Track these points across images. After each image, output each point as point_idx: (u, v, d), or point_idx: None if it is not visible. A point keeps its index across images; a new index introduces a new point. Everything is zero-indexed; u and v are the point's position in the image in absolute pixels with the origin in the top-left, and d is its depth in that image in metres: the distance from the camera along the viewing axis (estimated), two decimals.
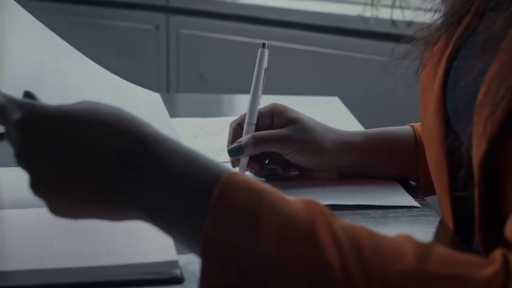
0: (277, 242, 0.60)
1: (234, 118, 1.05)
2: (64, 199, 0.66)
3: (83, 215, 0.67)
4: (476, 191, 0.73)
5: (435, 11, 0.92)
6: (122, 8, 2.89)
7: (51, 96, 0.70)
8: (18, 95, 0.69)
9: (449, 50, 0.85)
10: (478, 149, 0.71)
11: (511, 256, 0.61)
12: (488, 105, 0.69)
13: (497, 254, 0.62)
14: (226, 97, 1.75)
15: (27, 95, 0.70)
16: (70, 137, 0.65)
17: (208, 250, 0.60)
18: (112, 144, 0.65)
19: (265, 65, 1.05)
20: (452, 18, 0.86)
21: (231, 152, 1.00)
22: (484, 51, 0.73)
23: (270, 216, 0.61)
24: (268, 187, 0.64)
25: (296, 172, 1.02)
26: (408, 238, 0.63)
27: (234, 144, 1.00)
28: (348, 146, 1.02)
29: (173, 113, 1.29)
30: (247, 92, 1.05)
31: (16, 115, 0.66)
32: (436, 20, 0.90)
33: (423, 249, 0.61)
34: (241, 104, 1.50)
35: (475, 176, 0.72)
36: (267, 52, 1.05)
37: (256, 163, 1.01)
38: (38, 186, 0.66)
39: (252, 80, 1.05)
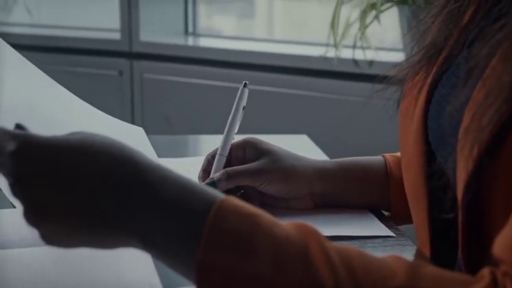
0: (272, 263, 0.62)
1: (199, 158, 1.09)
2: (58, 227, 0.66)
3: (76, 243, 0.68)
4: (460, 214, 0.75)
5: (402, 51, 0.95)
6: (86, 54, 2.91)
7: (40, 129, 0.71)
8: (9, 128, 0.70)
9: (429, 79, 0.88)
10: (464, 171, 0.73)
11: (499, 273, 0.63)
12: (475, 130, 0.71)
13: (486, 271, 0.63)
14: (191, 138, 1.77)
15: (19, 127, 0.71)
16: (63, 166, 0.66)
17: (202, 275, 0.61)
18: (104, 172, 0.66)
19: (243, 103, 1.09)
20: (433, 50, 0.89)
21: None
22: (468, 80, 0.76)
23: (264, 239, 0.63)
24: (260, 211, 0.65)
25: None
26: (398, 258, 0.65)
27: (207, 181, 1.02)
28: (319, 172, 1.04)
29: None
30: (212, 133, 1.08)
31: (10, 146, 0.67)
32: (417, 53, 0.92)
33: (413, 267, 0.63)
34: (206, 144, 1.51)
35: (458, 199, 0.75)
36: (246, 91, 1.09)
37: None
38: (32, 215, 0.66)
39: (228, 118, 1.09)
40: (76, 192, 0.66)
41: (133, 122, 2.86)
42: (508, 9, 0.75)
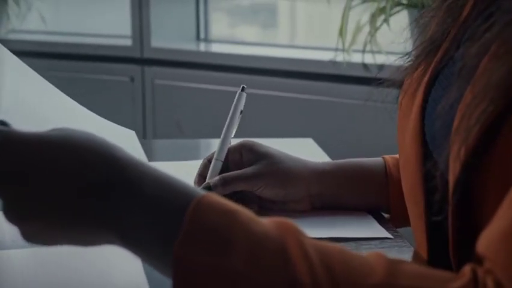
0: (249, 259, 0.61)
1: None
2: (37, 224, 0.66)
3: (57, 241, 0.68)
4: (450, 214, 0.74)
5: (407, 54, 0.94)
6: (97, 61, 2.91)
7: (26, 126, 0.71)
8: None
9: (427, 77, 0.86)
10: (452, 172, 0.72)
11: (480, 270, 0.62)
12: (463, 131, 0.70)
13: (467, 268, 0.63)
14: (203, 142, 1.77)
15: (1, 123, 0.70)
16: (44, 162, 0.66)
17: (179, 270, 0.61)
18: (86, 168, 0.66)
19: (241, 107, 1.08)
20: (431, 45, 0.88)
21: None
22: (459, 79, 0.75)
23: (242, 235, 0.62)
24: (240, 207, 0.65)
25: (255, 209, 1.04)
26: (379, 255, 0.64)
27: (203, 186, 1.02)
28: (317, 174, 1.03)
29: (150, 158, 1.30)
30: None
31: None
32: (416, 48, 0.91)
33: (393, 264, 0.62)
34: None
35: (449, 199, 0.74)
36: (244, 95, 1.08)
37: None
38: (12, 212, 0.66)
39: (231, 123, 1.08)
40: (56, 188, 0.66)
41: (144, 128, 2.88)
42: (496, 8, 0.73)
